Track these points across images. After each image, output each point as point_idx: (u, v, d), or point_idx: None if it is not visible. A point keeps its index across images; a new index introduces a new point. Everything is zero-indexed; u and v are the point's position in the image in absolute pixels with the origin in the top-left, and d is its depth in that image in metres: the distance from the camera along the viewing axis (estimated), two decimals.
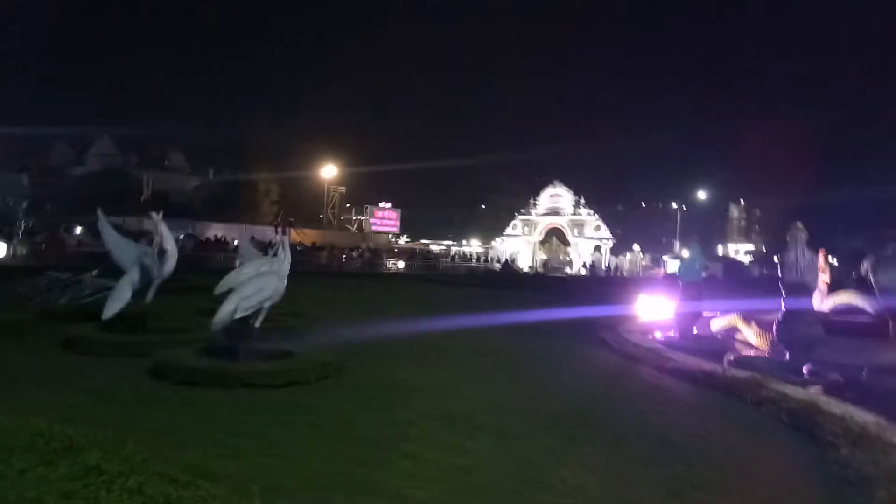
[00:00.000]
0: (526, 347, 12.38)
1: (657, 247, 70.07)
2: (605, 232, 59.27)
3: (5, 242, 28.51)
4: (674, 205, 73.24)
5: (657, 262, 59.49)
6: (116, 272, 11.00)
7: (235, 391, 7.33)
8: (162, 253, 9.93)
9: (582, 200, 60.17)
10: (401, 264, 46.66)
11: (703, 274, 16.14)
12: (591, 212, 59.88)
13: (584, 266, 55.31)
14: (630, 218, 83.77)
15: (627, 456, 6.05)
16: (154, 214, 10.38)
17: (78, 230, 34.75)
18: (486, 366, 10.18)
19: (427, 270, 44.34)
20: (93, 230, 25.12)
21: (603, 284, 36.22)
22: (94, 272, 17.18)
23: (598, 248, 58.52)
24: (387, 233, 68.41)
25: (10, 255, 27.94)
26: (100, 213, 11.61)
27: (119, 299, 10.00)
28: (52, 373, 7.94)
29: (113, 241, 10.99)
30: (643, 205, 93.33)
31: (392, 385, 8.22)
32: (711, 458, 6.22)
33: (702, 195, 75.48)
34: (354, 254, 45.47)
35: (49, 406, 6.02)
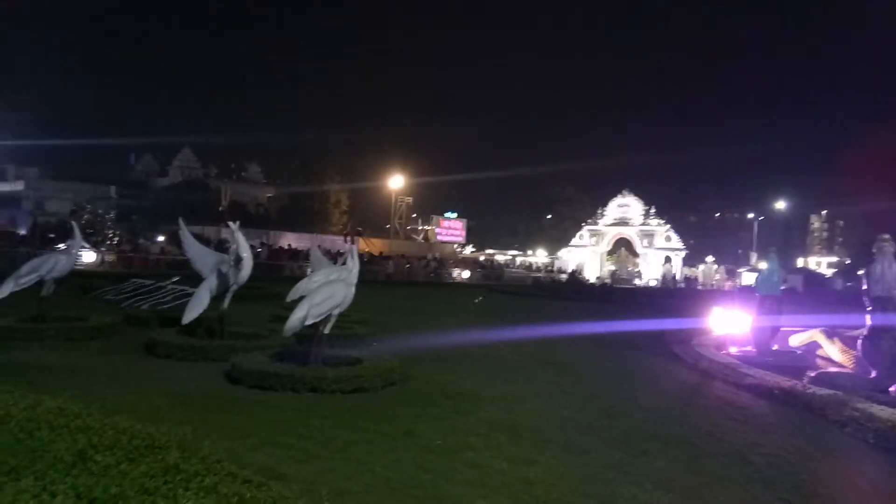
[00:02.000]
0: (595, 360, 12.16)
1: (732, 258, 67.55)
2: (676, 242, 57.58)
3: (94, 250, 30.21)
4: (750, 215, 70.52)
5: (732, 273, 57.31)
6: (196, 279, 11.49)
7: (305, 395, 7.52)
8: (238, 261, 10.29)
9: (652, 210, 58.69)
10: (466, 274, 46.72)
11: (782, 287, 15.39)
12: (662, 222, 58.30)
13: (655, 277, 53.85)
14: (703, 228, 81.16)
15: (701, 474, 5.82)
16: (231, 224, 10.77)
17: (160, 239, 36.51)
18: (554, 378, 10.04)
19: (492, 281, 44.22)
20: (174, 239, 26.33)
21: (675, 296, 35.17)
22: (175, 279, 18.01)
23: (668, 259, 56.85)
24: (452, 243, 68.67)
25: (99, 263, 29.59)
26: (181, 222, 12.17)
27: (198, 305, 10.41)
28: (136, 375, 8.35)
29: (192, 249, 11.47)
30: (717, 215, 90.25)
31: (457, 394, 8.23)
32: (791, 480, 5.91)
33: (780, 205, 72.30)
34: (421, 263, 45.83)
35: (132, 406, 6.32)
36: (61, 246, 13.03)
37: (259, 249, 35.88)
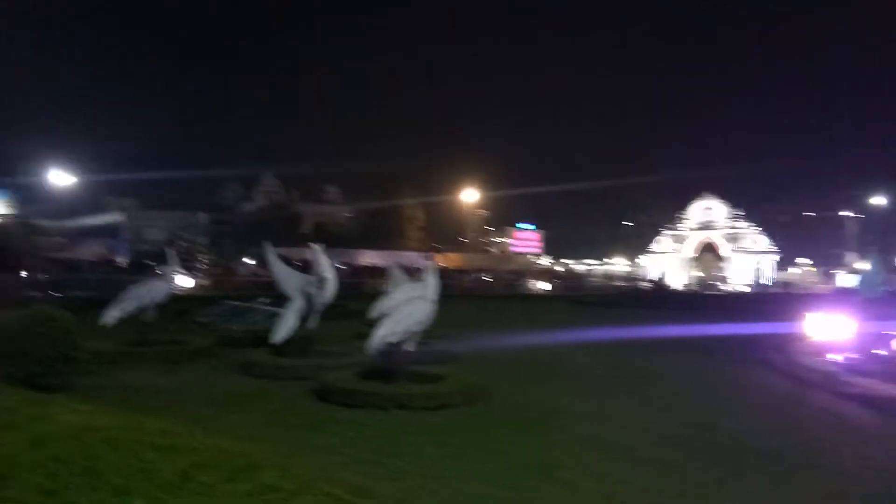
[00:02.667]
0: (685, 371, 11.74)
1: (827, 259, 63.74)
2: (765, 244, 54.90)
3: (189, 275, 31.89)
4: (846, 213, 66.40)
5: (828, 275, 54.07)
6: (284, 300, 11.92)
7: (392, 412, 7.63)
8: (322, 281, 10.60)
9: (738, 212, 56.24)
10: (544, 285, 46.24)
11: (885, 288, 14.40)
12: (750, 224, 55.75)
13: (745, 282, 51.54)
14: (794, 228, 77.01)
15: (802, 490, 5.51)
16: (314, 246, 11.13)
17: (249, 262, 38.12)
18: (644, 391, 9.77)
19: (571, 291, 43.54)
20: (262, 261, 27.42)
21: (767, 301, 33.51)
22: (265, 300, 18.75)
23: (758, 263, 54.30)
24: (528, 254, 68.22)
25: (194, 287, 31.19)
26: (267, 246, 12.68)
27: (286, 325, 10.79)
28: (232, 394, 8.72)
29: (279, 271, 11.93)
30: (809, 214, 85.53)
31: (544, 409, 8.14)
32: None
33: (879, 201, 67.64)
34: (498, 276, 45.73)
35: (231, 426, 6.62)
36: (159, 272, 13.81)
37: (343, 268, 36.87)
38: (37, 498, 3.57)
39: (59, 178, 49.05)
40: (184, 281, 28.87)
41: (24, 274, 28.03)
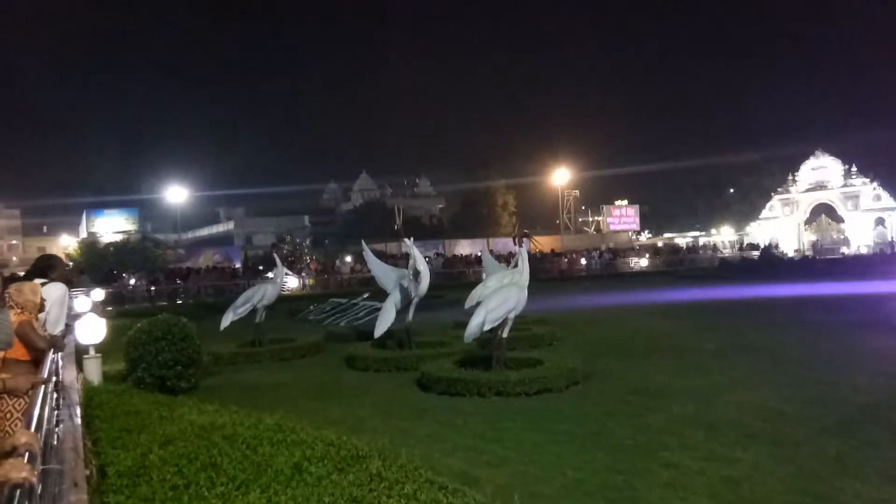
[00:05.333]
0: (802, 342, 11.06)
1: None
2: (888, 200, 50.46)
3: (295, 276, 33.40)
4: None
5: None
6: (383, 294, 12.29)
7: (491, 399, 7.71)
8: (416, 274, 10.84)
9: (853, 169, 51.95)
10: (643, 262, 44.81)
11: None
12: (867, 180, 51.38)
13: (866, 244, 47.72)
14: None
15: None
16: (406, 240, 11.38)
17: (349, 259, 39.43)
18: (755, 365, 9.30)
19: (673, 266, 41.94)
20: (361, 258, 28.33)
21: (891, 262, 30.89)
22: (366, 296, 19.39)
23: (881, 222, 50.03)
24: (626, 231, 66.29)
25: (300, 287, 32.64)
26: (363, 243, 13.10)
27: (386, 319, 11.12)
28: (339, 388, 9.12)
29: (375, 267, 12.31)
30: None
31: (646, 389, 7.95)
32: None
33: None
34: (594, 255, 44.75)
35: (338, 419, 6.93)
36: (269, 275, 14.61)
37: (433, 259, 37.38)
38: (167, 493, 3.90)
39: (177, 194, 52.81)
40: (291, 281, 30.31)
41: (141, 283, 30.38)
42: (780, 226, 54.70)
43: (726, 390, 7.75)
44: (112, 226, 53.87)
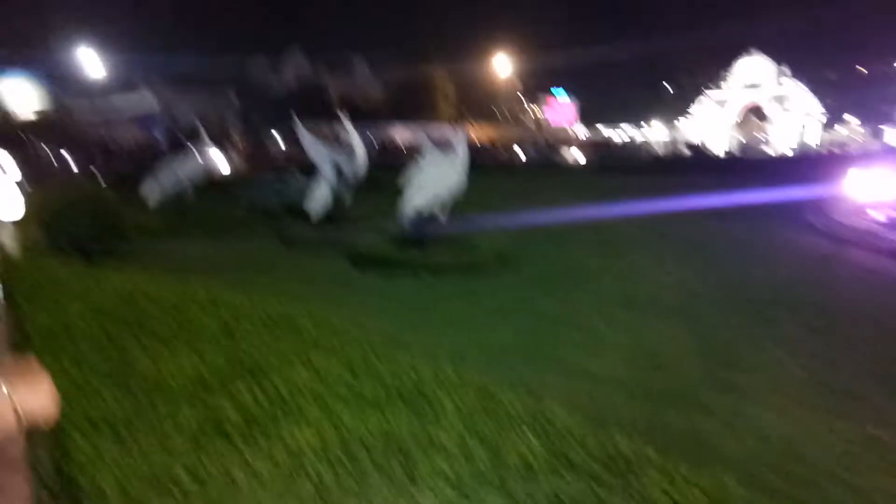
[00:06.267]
0: (719, 232, 11.63)
1: (876, 117, 60.34)
2: (813, 104, 52.17)
3: (221, 152, 32.02)
4: None
5: (876, 133, 51.58)
6: (315, 172, 11.99)
7: (424, 277, 7.83)
8: (351, 152, 10.57)
9: (785, 70, 53.02)
10: (579, 155, 45.32)
11: None
12: (797, 82, 52.69)
13: (790, 145, 49.69)
14: (844, 86, 72.50)
15: (830, 338, 5.57)
16: (340, 114, 11.00)
17: (278, 136, 37.99)
18: (675, 251, 9.75)
19: (608, 161, 42.63)
20: (292, 136, 27.37)
21: (811, 163, 32.38)
22: (297, 173, 18.90)
23: (804, 124, 51.96)
24: (563, 125, 66.38)
25: (229, 168, 31.44)
26: (295, 119, 12.58)
27: (320, 197, 10.91)
28: (269, 262, 9.03)
29: (309, 144, 11.91)
30: (860, 69, 79.98)
31: (573, 269, 8.25)
32: None
33: None
34: (531, 147, 44.84)
35: (268, 287, 6.89)
36: (193, 149, 13.96)
37: (368, 140, 36.58)
38: (93, 352, 3.85)
39: (87, 57, 48.50)
40: (221, 164, 29.09)
41: (70, 155, 28.63)
42: (712, 124, 55.98)
43: (647, 272, 8.14)
44: (17, 91, 49.51)
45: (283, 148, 35.06)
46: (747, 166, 35.34)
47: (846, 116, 57.57)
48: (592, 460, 2.70)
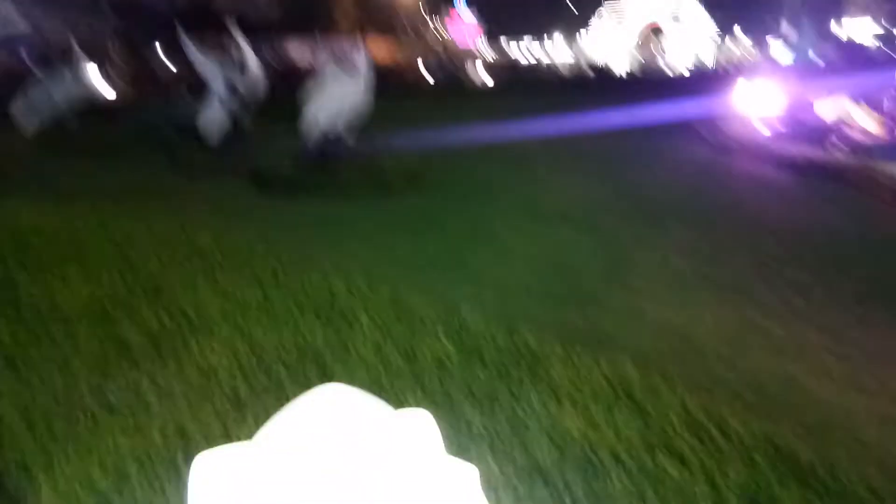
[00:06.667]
0: (617, 147, 12.06)
1: (763, 29, 63.14)
2: (707, 22, 53.90)
3: (103, 75, 29.54)
4: None
5: (761, 46, 54.16)
6: (207, 91, 11.27)
7: (330, 198, 7.69)
8: (245, 68, 10.00)
9: None
10: (486, 76, 44.98)
11: (813, 56, 14.61)
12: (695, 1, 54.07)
13: (685, 64, 51.42)
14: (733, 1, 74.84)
15: (717, 240, 5.99)
16: (231, 26, 10.31)
17: (160, 50, 35.19)
18: (579, 166, 10.05)
19: (515, 82, 42.61)
20: (179, 53, 25.55)
21: (707, 80, 33.72)
22: (186, 93, 17.73)
23: (698, 42, 53.75)
24: (468, 47, 65.38)
25: (112, 89, 29.09)
26: (181, 33, 11.67)
27: (214, 120, 10.32)
28: (163, 187, 8.54)
29: (197, 60, 11.12)
30: None
31: (482, 186, 8.35)
32: (809, 241, 6.07)
33: None
34: (436, 68, 44.00)
35: (162, 213, 6.55)
36: (67, 69, 12.76)
37: (273, 63, 34.71)
38: None
39: None
40: (102, 86, 26.83)
41: None
42: (612, 44, 56.90)
43: (553, 186, 8.36)
44: None
45: (169, 65, 32.62)
46: (647, 86, 36.36)
47: (737, 32, 59.79)
48: (503, 356, 2.83)
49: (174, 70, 30.32)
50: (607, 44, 57.05)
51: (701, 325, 3.83)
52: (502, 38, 68.29)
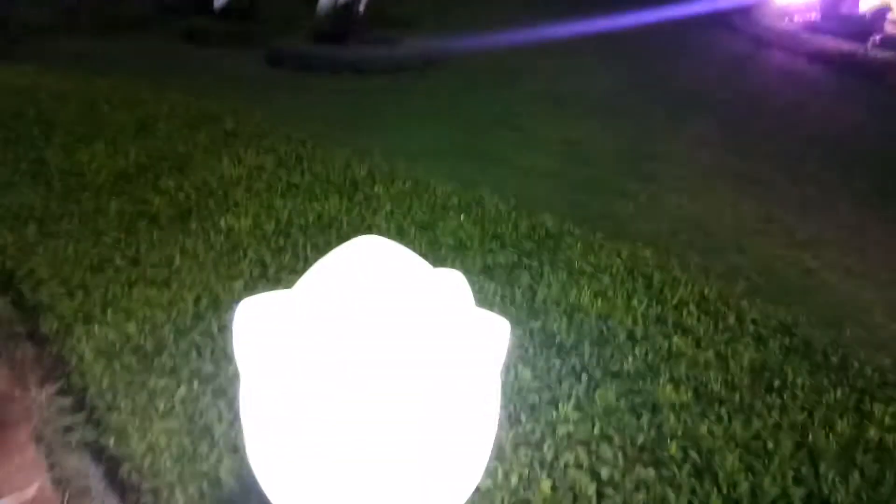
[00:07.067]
0: (650, 42, 11.50)
1: None
2: None
3: None
4: None
5: None
6: None
7: (347, 76, 7.52)
8: None
9: None
10: None
11: None
12: None
13: None
14: None
15: (744, 133, 5.88)
16: None
17: None
18: (602, 53, 9.65)
19: None
20: None
21: None
22: None
23: None
24: None
25: None
26: None
27: None
28: (179, 60, 8.39)
29: None
30: None
31: (502, 69, 8.11)
32: (835, 137, 5.94)
33: None
34: None
35: (181, 86, 6.46)
36: None
37: None
38: (7, 151, 3.62)
39: None
40: None
41: None
42: None
43: (575, 74, 8.09)
44: None
45: None
46: None
47: None
48: (521, 237, 2.87)
49: None
50: None
51: (718, 215, 3.84)
52: None
